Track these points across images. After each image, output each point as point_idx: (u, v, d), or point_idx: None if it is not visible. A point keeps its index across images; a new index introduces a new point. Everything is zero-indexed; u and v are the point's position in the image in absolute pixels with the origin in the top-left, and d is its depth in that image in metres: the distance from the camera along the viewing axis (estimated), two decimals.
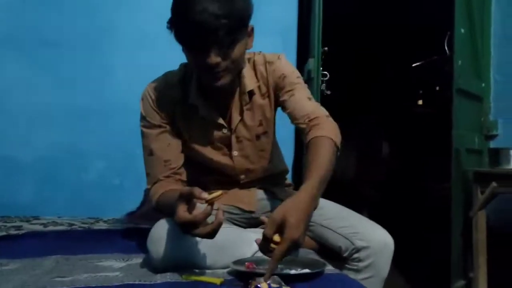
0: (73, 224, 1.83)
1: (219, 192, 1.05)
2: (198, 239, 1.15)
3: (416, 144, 4.75)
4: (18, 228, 1.73)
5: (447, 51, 2.30)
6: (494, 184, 2.10)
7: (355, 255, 1.32)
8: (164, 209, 1.27)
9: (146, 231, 1.24)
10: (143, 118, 1.36)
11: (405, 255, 1.93)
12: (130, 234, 1.62)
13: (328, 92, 2.12)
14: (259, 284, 0.94)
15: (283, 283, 0.97)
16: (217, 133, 1.38)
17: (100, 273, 1.15)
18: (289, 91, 1.34)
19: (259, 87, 1.38)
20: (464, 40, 2.33)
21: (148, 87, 1.37)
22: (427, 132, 4.72)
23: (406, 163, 4.78)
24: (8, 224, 1.80)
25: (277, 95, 1.38)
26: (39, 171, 2.16)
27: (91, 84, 2.21)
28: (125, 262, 1.29)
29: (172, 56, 1.40)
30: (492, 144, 2.62)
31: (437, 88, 5.45)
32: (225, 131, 1.38)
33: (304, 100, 1.33)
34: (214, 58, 1.16)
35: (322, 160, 1.12)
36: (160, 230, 1.19)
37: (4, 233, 1.63)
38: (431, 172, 4.32)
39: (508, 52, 2.60)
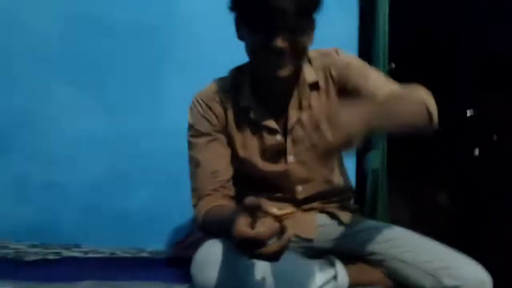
0: (114, 253, 1.70)
1: (290, 209, 0.89)
2: (255, 266, 0.97)
3: (476, 193, 4.41)
4: (57, 254, 1.62)
5: None
6: None
7: None
8: (212, 228, 1.10)
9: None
10: (190, 127, 1.26)
11: None
12: (174, 263, 1.46)
13: None
14: None
15: None
16: (270, 140, 1.24)
17: None
18: (361, 76, 1.19)
19: (317, 82, 1.24)
20: None
21: (197, 95, 1.28)
22: (487, 181, 4.38)
23: (468, 211, 4.44)
24: (47, 250, 1.69)
25: (342, 88, 1.22)
26: (83, 198, 2.04)
27: (141, 108, 2.11)
28: None
29: None
30: None
31: (495, 137, 5.10)
32: (278, 137, 1.23)
33: (384, 80, 1.20)
34: (281, 42, 1.06)
35: (401, 102, 1.01)
36: (208, 253, 1.01)
37: (40, 257, 1.51)
38: (497, 221, 3.96)
39: None
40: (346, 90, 1.23)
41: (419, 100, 1.05)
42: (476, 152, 5.34)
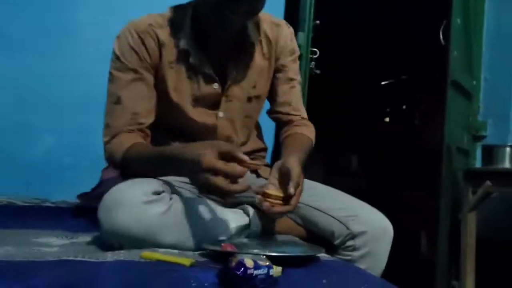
0: (12, 202, 1.54)
1: (258, 163, 0.94)
2: (169, 210, 0.94)
3: (384, 158, 4.70)
4: None
5: (442, 41, 2.16)
6: (488, 183, 1.94)
7: (350, 243, 1.11)
8: (137, 164, 1.05)
9: None
10: (116, 58, 1.13)
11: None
12: (80, 213, 1.36)
13: (318, 72, 1.92)
14: (242, 259, 0.71)
15: (270, 263, 0.75)
16: (206, 89, 1.17)
17: (33, 248, 0.89)
18: (292, 80, 1.28)
19: (260, 42, 1.21)
20: (460, 32, 2.20)
21: (129, 24, 1.14)
22: (395, 147, 4.70)
23: (376, 175, 4.72)
24: None
25: (277, 64, 1.26)
26: None
27: (43, 47, 1.92)
28: (68, 240, 1.04)
29: None
30: (479, 146, 2.48)
31: (404, 107, 5.46)
32: (216, 86, 1.17)
33: (300, 97, 1.32)
34: (246, 7, 1.03)
35: (305, 150, 1.17)
36: (117, 196, 0.94)
37: None
38: (401, 183, 4.27)
39: (500, 51, 2.47)
40: (276, 68, 1.25)
41: (311, 146, 1.24)
42: (387, 119, 5.67)
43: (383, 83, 5.42)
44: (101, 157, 1.81)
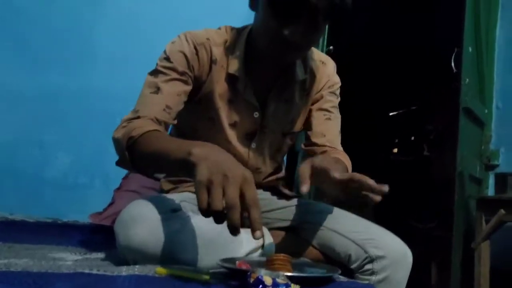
0: (26, 221, 1.54)
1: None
2: (185, 227, 0.93)
3: (393, 188, 4.64)
4: None
5: (454, 69, 2.17)
6: (502, 211, 1.91)
7: (368, 266, 1.09)
8: (152, 146, 0.94)
9: (113, 229, 0.95)
10: (165, 58, 1.10)
11: None
12: (92, 231, 1.36)
13: None
14: (261, 276, 0.71)
15: (289, 281, 0.74)
16: (246, 116, 1.17)
17: (49, 261, 0.89)
18: (328, 111, 1.25)
19: (304, 81, 1.21)
20: (471, 60, 2.22)
21: (187, 33, 1.13)
22: (404, 178, 4.67)
23: (384, 206, 4.66)
24: None
25: (315, 96, 1.25)
26: None
27: (64, 65, 1.97)
28: (82, 256, 1.03)
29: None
30: (491, 175, 2.47)
31: (412, 138, 5.47)
32: (256, 115, 1.17)
33: (337, 132, 1.27)
34: (309, 35, 1.01)
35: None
36: (135, 211, 0.93)
37: None
38: (411, 213, 4.22)
39: None
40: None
41: (347, 167, 1.16)
42: (395, 150, 5.66)
43: (391, 114, 5.46)
44: (114, 177, 1.83)
